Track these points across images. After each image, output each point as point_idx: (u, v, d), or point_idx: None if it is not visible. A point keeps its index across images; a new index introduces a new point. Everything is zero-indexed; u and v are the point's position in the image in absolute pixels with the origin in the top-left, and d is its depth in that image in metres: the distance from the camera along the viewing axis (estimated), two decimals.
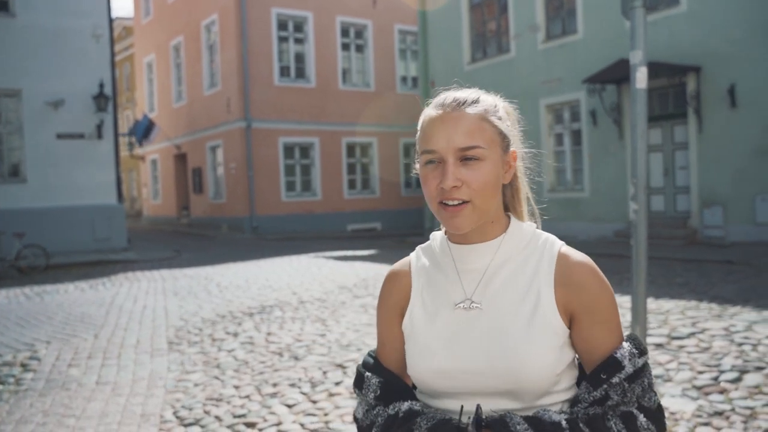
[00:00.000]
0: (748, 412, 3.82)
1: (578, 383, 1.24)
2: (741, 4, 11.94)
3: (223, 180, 22.65)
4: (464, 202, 1.16)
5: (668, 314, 6.19)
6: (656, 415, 1.19)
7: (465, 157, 1.16)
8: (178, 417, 4.35)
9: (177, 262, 14.00)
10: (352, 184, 23.15)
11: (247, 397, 4.62)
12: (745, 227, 12.09)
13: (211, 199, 23.64)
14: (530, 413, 1.15)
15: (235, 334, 6.52)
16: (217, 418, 4.26)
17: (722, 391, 4.16)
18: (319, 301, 8.12)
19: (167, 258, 14.81)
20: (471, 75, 17.76)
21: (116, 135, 16.51)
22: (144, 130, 22.14)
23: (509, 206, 1.32)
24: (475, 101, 1.22)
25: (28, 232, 13.60)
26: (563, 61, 15.18)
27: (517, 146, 1.27)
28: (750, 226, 12.03)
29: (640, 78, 2.78)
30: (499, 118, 1.23)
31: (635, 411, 1.15)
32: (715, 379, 4.37)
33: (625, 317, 6.02)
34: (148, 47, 28.43)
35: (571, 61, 14.88)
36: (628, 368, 1.15)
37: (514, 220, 1.28)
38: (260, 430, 4.01)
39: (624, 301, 6.85)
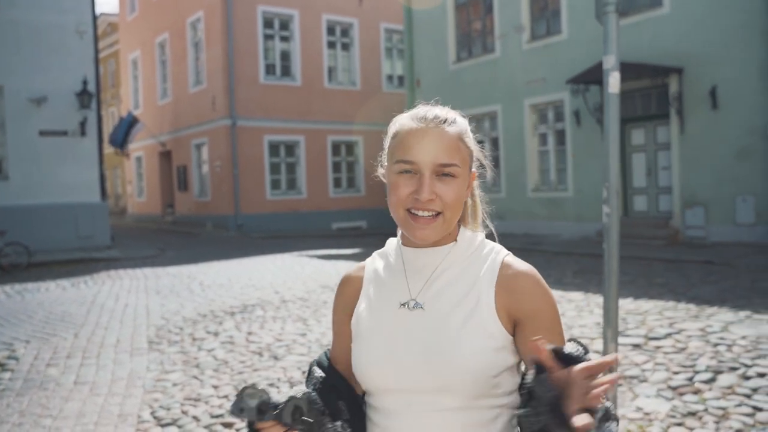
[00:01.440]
0: (720, 412, 3.87)
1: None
2: (723, 7, 12.05)
3: (208, 178, 22.57)
4: (437, 214, 1.22)
5: (646, 315, 6.24)
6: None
7: (442, 173, 1.22)
8: (155, 417, 4.34)
9: (160, 260, 13.94)
10: (337, 183, 23.14)
11: (226, 397, 4.61)
12: (726, 228, 12.22)
13: (195, 197, 23.55)
14: (472, 413, 1.20)
15: (216, 334, 6.51)
16: (195, 418, 4.25)
17: (696, 392, 4.21)
18: (301, 300, 8.12)
19: (151, 256, 14.74)
20: (456, 74, 17.81)
21: (100, 132, 16.41)
22: (127, 127, 22.03)
23: (466, 218, 1.38)
24: (454, 121, 1.26)
25: (10, 229, 13.47)
26: (547, 62, 15.25)
27: (480, 167, 1.35)
28: (731, 227, 12.16)
29: (613, 83, 2.80)
30: (471, 140, 1.29)
31: None
32: (690, 379, 4.42)
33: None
34: (134, 44, 28.26)
35: (556, 62, 14.96)
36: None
37: (462, 229, 1.34)
38: (237, 430, 4.01)
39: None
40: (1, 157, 15.25)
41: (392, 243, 1.39)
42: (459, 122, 1.27)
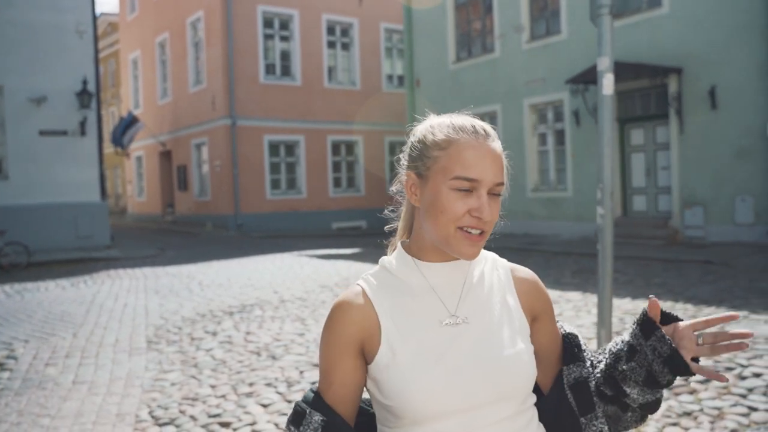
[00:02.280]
0: (715, 412, 3.88)
1: None
2: (723, 7, 12.07)
3: (208, 178, 22.59)
4: (483, 233, 1.21)
5: None
6: None
7: (493, 192, 1.20)
8: (153, 416, 4.36)
9: (160, 260, 13.96)
10: (337, 183, 23.16)
11: (223, 396, 4.63)
12: (725, 227, 12.23)
13: (195, 197, 23.56)
14: (520, 417, 1.25)
15: (214, 333, 6.53)
16: (192, 417, 4.27)
17: (692, 392, 4.22)
18: (299, 300, 8.13)
19: (150, 256, 14.76)
20: (456, 74, 17.82)
21: (100, 132, 16.43)
22: (125, 126, 22.07)
23: None
24: (497, 136, 1.25)
25: (10, 229, 13.50)
26: (547, 61, 15.26)
27: None
28: (730, 227, 12.17)
29: (607, 84, 2.82)
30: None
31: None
32: (686, 379, 4.43)
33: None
34: (134, 44, 28.28)
35: (555, 62, 14.97)
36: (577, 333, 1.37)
37: None
38: (234, 429, 4.02)
39: None
40: (1, 157, 15.26)
41: (391, 261, 1.31)
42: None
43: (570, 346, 1.32)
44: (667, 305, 6.65)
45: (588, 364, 1.32)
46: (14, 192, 15.03)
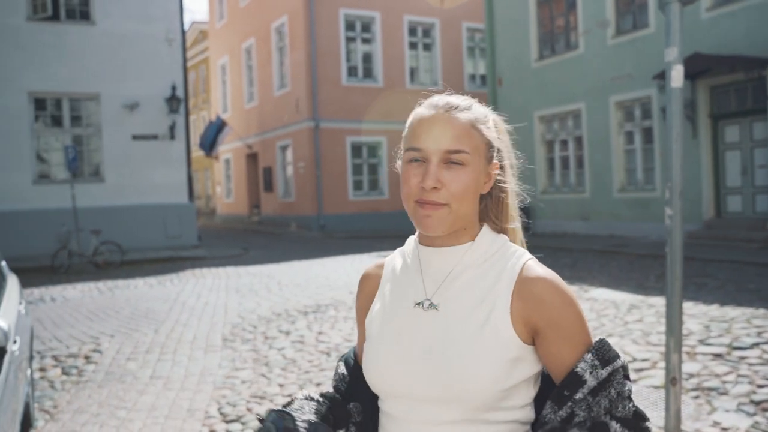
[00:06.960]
0: None
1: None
2: None
3: (292, 179, 23.05)
4: (442, 205, 1.17)
5: (732, 322, 5.89)
6: (632, 422, 1.11)
7: (449, 161, 1.17)
8: (221, 413, 4.44)
9: (243, 259, 14.33)
10: None
11: (290, 395, 4.66)
12: None
13: (280, 198, 24.09)
14: (473, 427, 1.14)
15: (288, 333, 6.62)
16: (258, 415, 4.31)
17: None
18: None
19: (234, 255, 15.18)
20: (538, 72, 17.43)
21: (188, 136, 17.06)
22: (216, 131, 22.83)
23: (490, 216, 1.31)
24: (467, 108, 1.23)
25: (105, 229, 14.21)
26: (634, 57, 14.68)
27: (503, 159, 1.28)
28: None
29: (676, 76, 2.64)
30: (488, 128, 1.24)
31: (606, 419, 1.10)
32: None
33: (686, 324, 5.78)
34: (222, 50, 29.23)
35: (642, 57, 14.37)
36: (590, 382, 1.11)
37: (485, 229, 1.27)
38: None
39: (687, 308, 6.58)
40: (98, 161, 16.10)
41: (410, 241, 1.35)
42: (475, 109, 1.24)
43: (562, 385, 1.12)
44: (759, 313, 6.25)
45: (562, 415, 1.11)
46: (109, 194, 15.83)
